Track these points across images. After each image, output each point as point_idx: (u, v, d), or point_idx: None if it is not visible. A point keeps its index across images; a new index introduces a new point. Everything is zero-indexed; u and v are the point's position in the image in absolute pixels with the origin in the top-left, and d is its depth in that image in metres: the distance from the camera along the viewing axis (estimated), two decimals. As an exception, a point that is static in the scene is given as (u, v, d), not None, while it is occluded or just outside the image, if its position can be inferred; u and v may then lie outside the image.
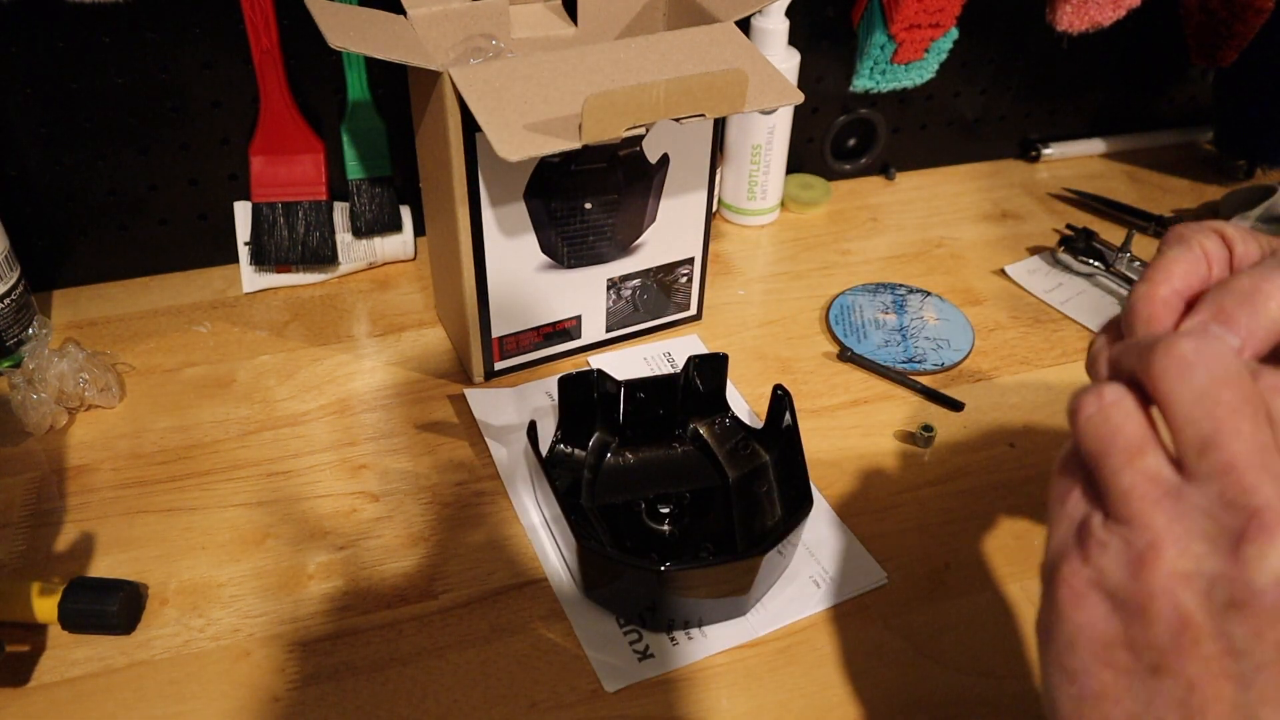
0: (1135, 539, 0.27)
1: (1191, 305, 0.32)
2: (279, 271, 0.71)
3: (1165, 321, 0.31)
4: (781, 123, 0.76)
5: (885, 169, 0.89)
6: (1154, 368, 0.28)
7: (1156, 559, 0.26)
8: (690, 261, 0.66)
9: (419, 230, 0.74)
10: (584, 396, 0.56)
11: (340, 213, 0.70)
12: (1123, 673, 0.27)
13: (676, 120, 0.50)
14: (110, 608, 0.46)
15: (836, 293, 0.73)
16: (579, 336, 0.65)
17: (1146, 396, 0.29)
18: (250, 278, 0.71)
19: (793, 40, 0.74)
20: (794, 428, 0.53)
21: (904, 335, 0.69)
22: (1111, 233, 0.81)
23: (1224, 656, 0.25)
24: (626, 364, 0.66)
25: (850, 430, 0.61)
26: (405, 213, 0.72)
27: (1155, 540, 0.27)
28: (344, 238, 0.70)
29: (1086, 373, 0.36)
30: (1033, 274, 0.76)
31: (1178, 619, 0.26)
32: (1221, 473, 0.26)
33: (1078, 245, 0.76)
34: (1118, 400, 0.29)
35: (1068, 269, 0.77)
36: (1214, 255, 0.33)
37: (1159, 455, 0.28)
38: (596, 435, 0.58)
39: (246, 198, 0.69)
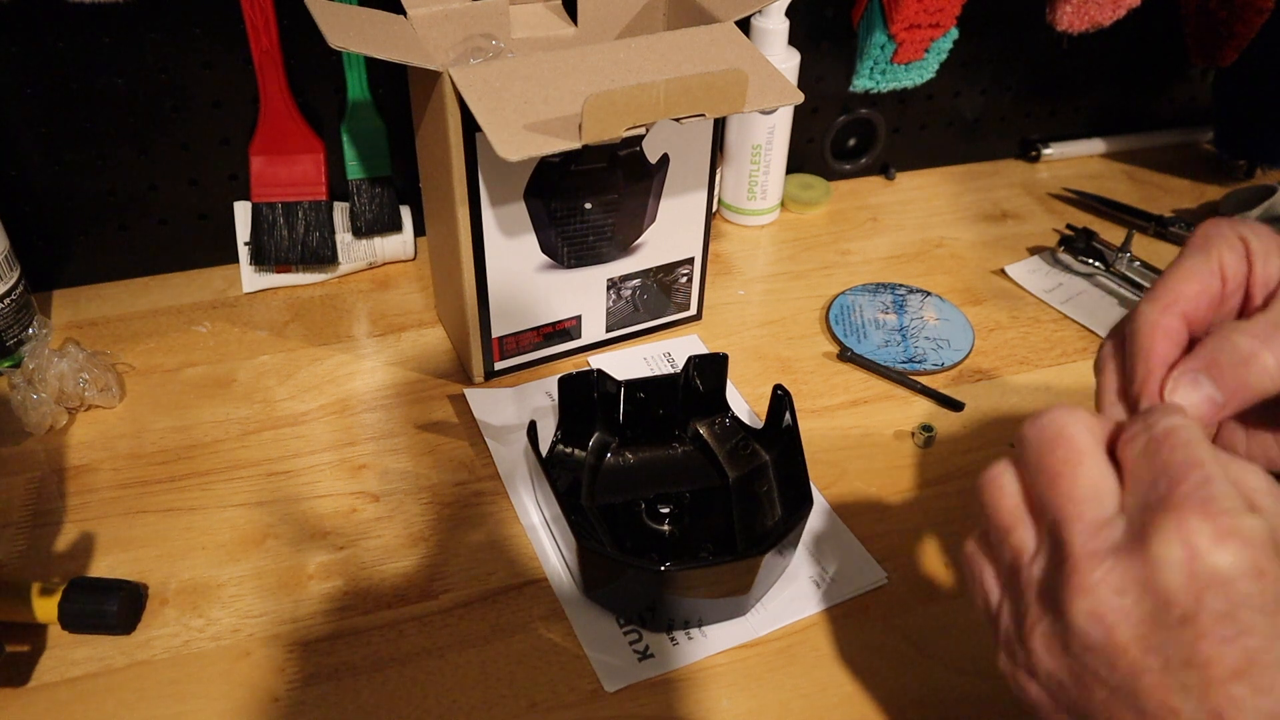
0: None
1: (1191, 327, 0.33)
2: (279, 271, 0.71)
3: (1162, 355, 0.33)
4: (781, 123, 0.76)
5: (885, 169, 0.89)
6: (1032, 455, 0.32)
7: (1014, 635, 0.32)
8: (690, 261, 0.66)
9: (419, 230, 0.74)
10: (584, 396, 0.56)
11: (340, 213, 0.70)
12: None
13: (676, 120, 0.50)
14: (110, 608, 0.46)
15: (836, 293, 0.73)
16: (579, 336, 0.65)
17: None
18: (250, 278, 0.71)
19: (793, 40, 0.74)
20: (794, 428, 0.53)
21: (904, 335, 0.69)
22: (1111, 233, 0.81)
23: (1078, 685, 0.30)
24: (626, 364, 0.66)
25: (850, 430, 0.61)
26: (405, 213, 0.72)
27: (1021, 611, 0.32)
28: (344, 238, 0.70)
29: (1094, 374, 0.36)
30: (1033, 274, 0.76)
31: (1047, 676, 0.31)
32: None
33: (1078, 245, 0.76)
34: (996, 476, 0.33)
35: (1068, 269, 0.77)
36: (1231, 274, 0.34)
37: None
38: (596, 435, 0.58)
39: (246, 198, 0.69)
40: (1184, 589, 0.26)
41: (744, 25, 0.62)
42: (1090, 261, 0.75)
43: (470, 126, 0.51)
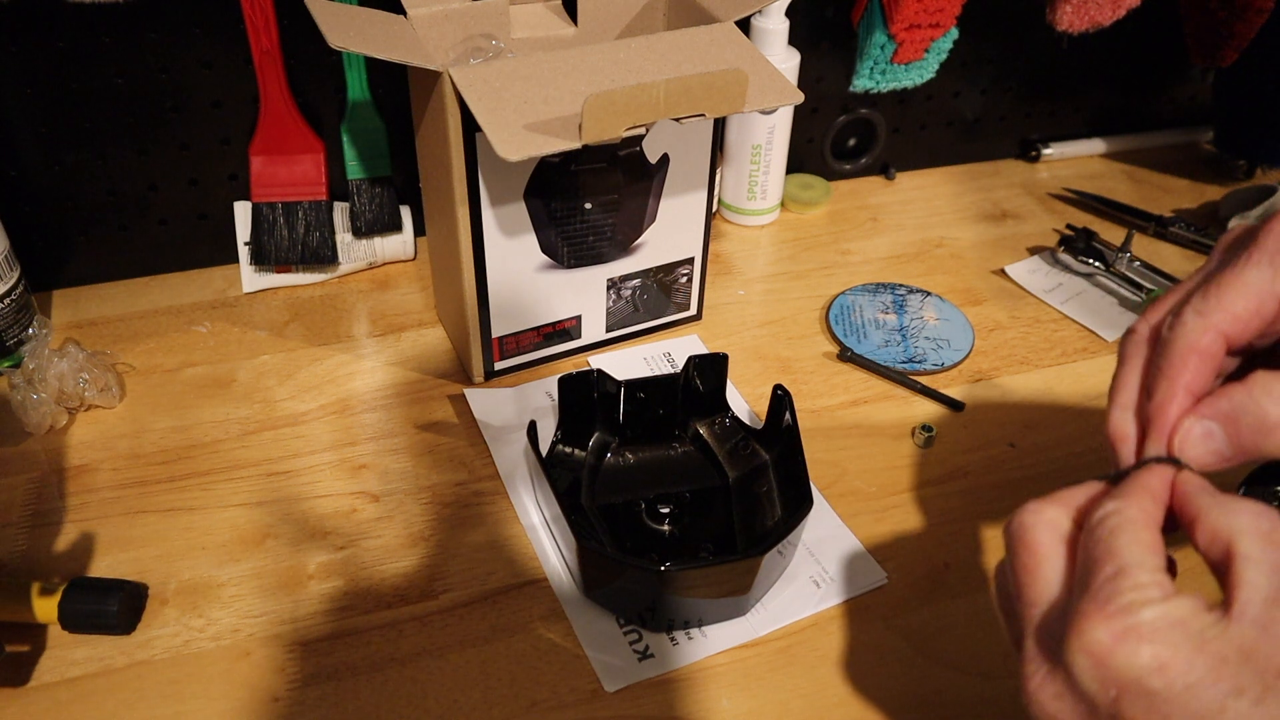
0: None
1: (1232, 345, 0.32)
2: (279, 271, 0.71)
3: (1190, 382, 0.32)
4: (781, 123, 0.76)
5: (885, 169, 0.89)
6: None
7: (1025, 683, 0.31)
8: (690, 261, 0.66)
9: (419, 230, 0.74)
10: (584, 396, 0.56)
11: (340, 213, 0.70)
12: None
13: (676, 120, 0.50)
14: (110, 608, 0.46)
15: (836, 293, 0.73)
16: (579, 336, 0.65)
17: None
18: (250, 278, 0.71)
19: (793, 40, 0.74)
20: (794, 428, 0.53)
21: (904, 335, 0.69)
22: (1111, 233, 0.81)
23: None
24: (626, 364, 0.66)
25: (850, 430, 0.61)
26: (405, 213, 0.72)
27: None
28: (344, 238, 0.70)
29: (1117, 360, 0.35)
30: (1033, 274, 0.76)
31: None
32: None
33: (1078, 245, 0.76)
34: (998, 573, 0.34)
35: (1068, 269, 0.77)
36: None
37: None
38: (596, 435, 0.58)
39: (246, 198, 0.69)
40: (1100, 693, 0.27)
41: (744, 25, 0.62)
42: (1090, 261, 0.75)
43: (470, 126, 0.51)
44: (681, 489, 0.56)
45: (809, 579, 0.52)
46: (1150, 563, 0.29)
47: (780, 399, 0.55)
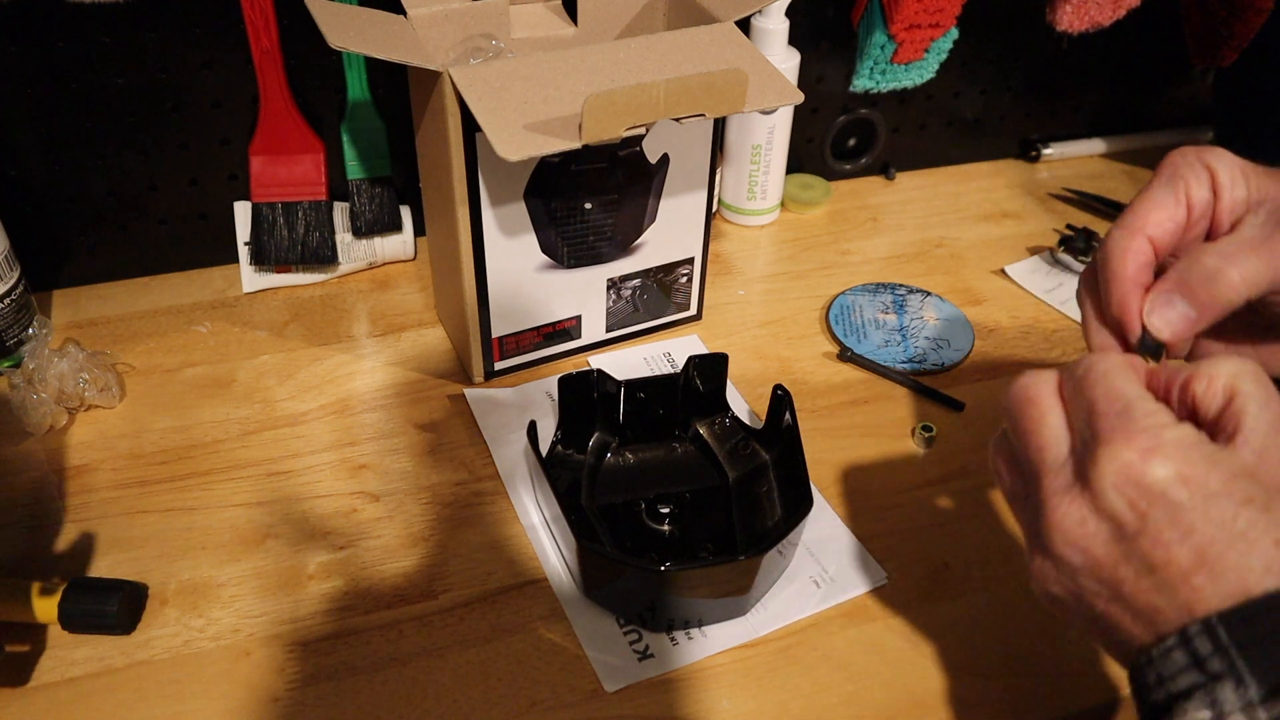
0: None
1: (1159, 251, 0.37)
2: (279, 271, 0.71)
3: (1133, 275, 0.36)
4: (781, 123, 0.76)
5: (885, 169, 0.89)
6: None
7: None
8: (690, 261, 0.66)
9: (419, 230, 0.74)
10: (584, 396, 0.56)
11: (340, 213, 0.70)
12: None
13: (676, 120, 0.50)
14: (110, 608, 0.46)
15: (836, 293, 0.73)
16: (579, 336, 0.65)
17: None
18: (250, 278, 0.71)
19: (793, 40, 0.74)
20: (794, 428, 0.53)
21: (904, 335, 0.69)
22: (1111, 233, 0.81)
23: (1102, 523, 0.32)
24: (626, 364, 0.66)
25: (850, 430, 0.61)
26: (405, 213, 0.72)
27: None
28: (344, 238, 0.70)
29: (1078, 307, 0.39)
30: (1033, 274, 0.76)
31: (1059, 598, 0.34)
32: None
33: (1078, 245, 0.76)
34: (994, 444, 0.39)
35: (1068, 269, 0.77)
36: (1197, 202, 0.37)
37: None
38: (596, 435, 0.58)
39: (246, 198, 0.69)
40: (1128, 509, 0.31)
41: (744, 25, 0.62)
42: (1090, 261, 0.75)
43: (470, 126, 0.51)
44: (681, 489, 0.56)
45: (809, 579, 0.52)
46: (1149, 396, 0.32)
47: (780, 399, 0.55)
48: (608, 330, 0.66)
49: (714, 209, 0.67)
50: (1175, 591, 0.30)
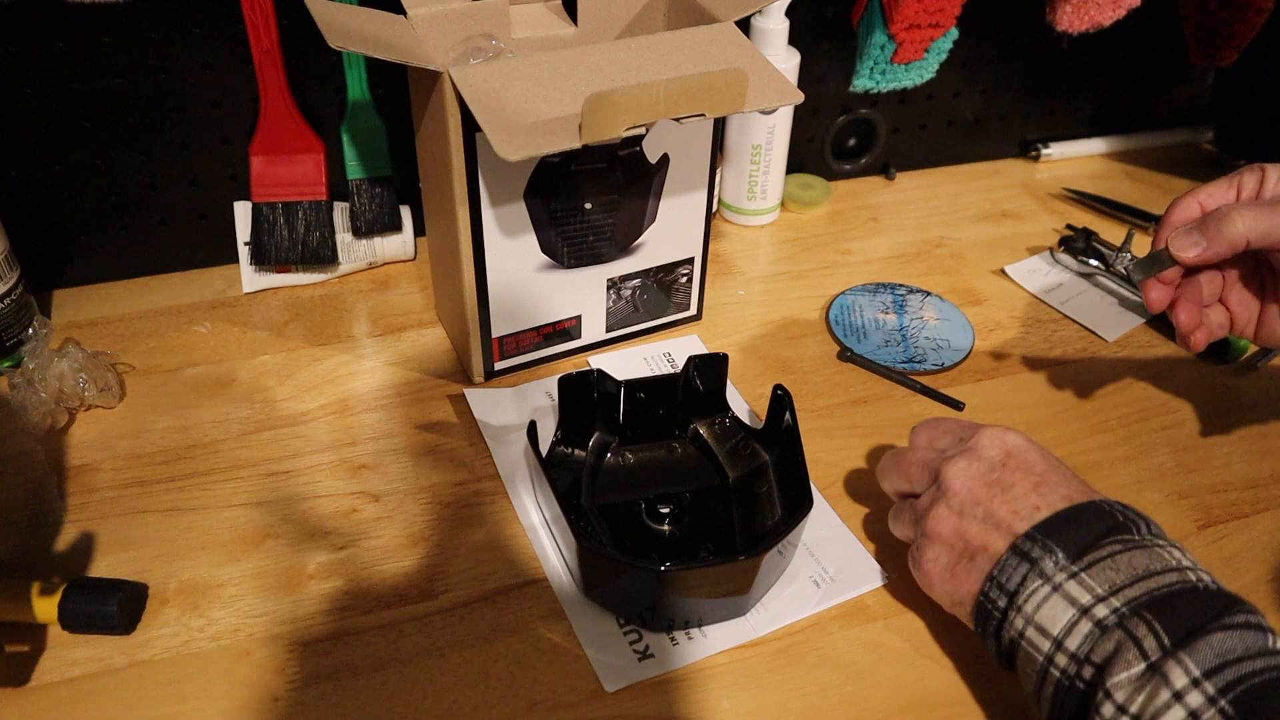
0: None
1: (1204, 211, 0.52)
2: (279, 271, 0.71)
3: (1175, 221, 0.52)
4: (781, 123, 0.76)
5: (885, 169, 0.89)
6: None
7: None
8: (690, 261, 0.66)
9: (419, 230, 0.74)
10: (584, 396, 0.56)
11: (340, 213, 0.70)
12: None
13: (676, 120, 0.50)
14: (110, 608, 0.46)
15: (836, 293, 0.73)
16: (579, 336, 0.65)
17: None
18: (250, 278, 0.71)
19: (793, 40, 0.74)
20: (794, 428, 0.53)
21: (904, 335, 0.69)
22: (1111, 233, 0.81)
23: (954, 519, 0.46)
24: (626, 364, 0.66)
25: (850, 430, 0.61)
26: (405, 213, 0.72)
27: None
28: (344, 238, 0.70)
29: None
30: (1033, 274, 0.76)
31: (943, 535, 0.47)
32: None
33: (1078, 245, 0.76)
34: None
35: (1068, 269, 0.77)
36: (1246, 186, 0.51)
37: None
38: (596, 435, 0.58)
39: (246, 198, 0.69)
40: (998, 455, 0.46)
41: (744, 25, 0.62)
42: (1090, 261, 0.75)
43: (470, 126, 0.51)
44: (681, 489, 0.56)
45: (809, 579, 0.52)
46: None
47: (780, 399, 0.55)
48: (608, 330, 0.66)
49: (714, 209, 0.67)
50: (1024, 500, 0.44)
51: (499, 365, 0.63)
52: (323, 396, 0.62)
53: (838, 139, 0.86)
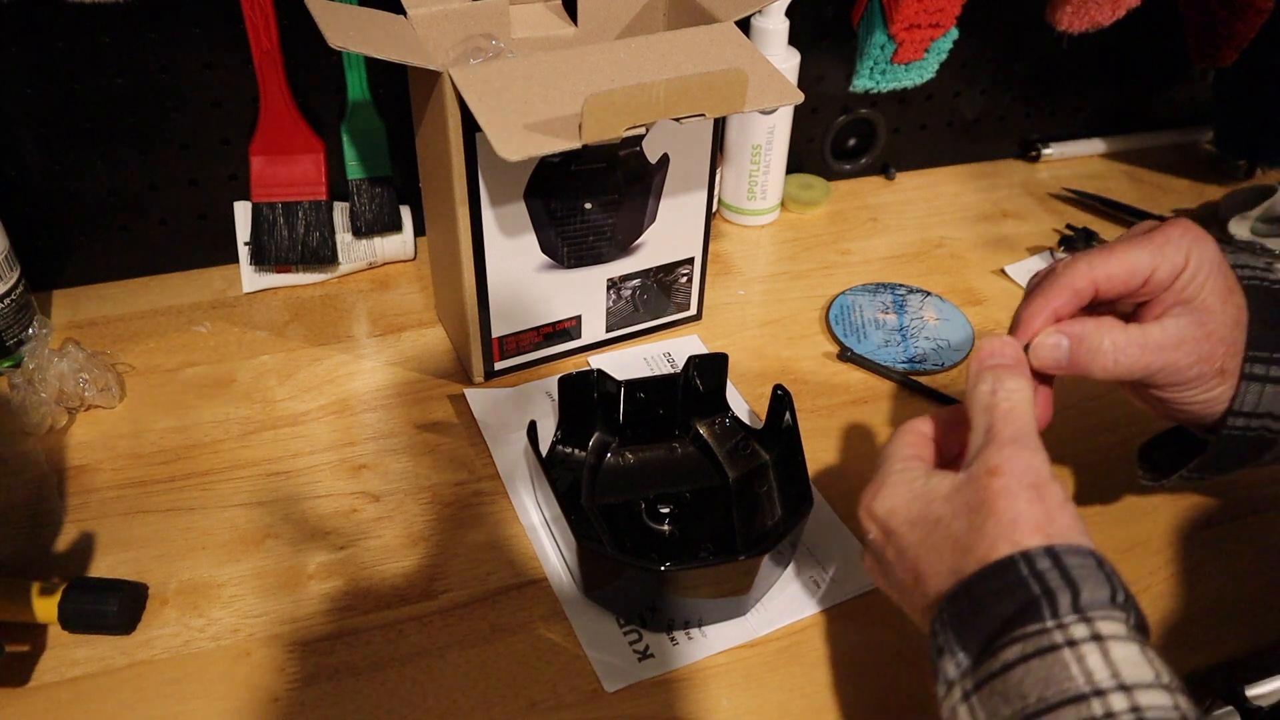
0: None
1: (1099, 296, 0.44)
2: (279, 271, 0.71)
3: (1056, 309, 0.44)
4: (781, 123, 0.76)
5: (885, 169, 0.89)
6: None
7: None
8: (690, 261, 0.66)
9: (419, 230, 0.74)
10: (584, 396, 0.56)
11: (340, 213, 0.70)
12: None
13: (676, 120, 0.50)
14: (110, 608, 0.46)
15: (836, 293, 0.73)
16: (579, 336, 0.65)
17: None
18: (250, 278, 0.71)
19: (793, 40, 0.74)
20: (794, 428, 0.53)
21: (904, 335, 0.69)
22: (1111, 233, 0.81)
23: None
24: (626, 364, 0.66)
25: (850, 430, 0.61)
26: (405, 213, 0.72)
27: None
28: (344, 238, 0.70)
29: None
30: (1033, 274, 0.76)
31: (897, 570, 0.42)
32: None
33: (1078, 245, 0.76)
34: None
35: (1068, 269, 0.77)
36: (1156, 282, 0.43)
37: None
38: (596, 435, 0.58)
39: (246, 198, 0.69)
40: (878, 539, 0.42)
41: (744, 25, 0.62)
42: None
43: (470, 126, 0.51)
44: (681, 489, 0.56)
45: (809, 579, 0.52)
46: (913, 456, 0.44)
47: (780, 399, 0.55)
48: (608, 330, 0.66)
49: (714, 209, 0.67)
50: (911, 595, 0.40)
51: (499, 365, 0.63)
52: (323, 396, 0.62)
53: (838, 139, 0.86)
